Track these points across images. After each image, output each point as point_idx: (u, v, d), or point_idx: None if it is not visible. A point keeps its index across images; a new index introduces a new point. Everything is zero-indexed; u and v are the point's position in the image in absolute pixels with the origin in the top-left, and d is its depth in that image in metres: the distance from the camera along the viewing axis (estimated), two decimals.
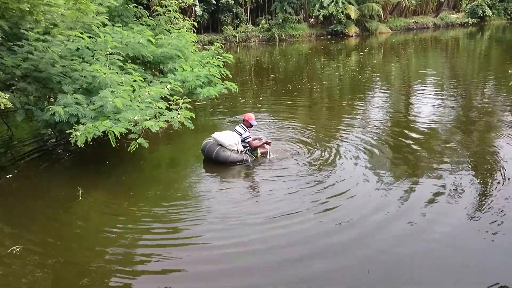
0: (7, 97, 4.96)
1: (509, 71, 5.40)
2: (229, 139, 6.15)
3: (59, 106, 5.03)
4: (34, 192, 5.62)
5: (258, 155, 6.39)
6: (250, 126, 6.41)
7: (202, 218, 4.64)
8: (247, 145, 6.34)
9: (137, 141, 5.23)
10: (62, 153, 7.22)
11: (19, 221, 4.76)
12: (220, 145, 6.14)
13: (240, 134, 6.30)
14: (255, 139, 6.49)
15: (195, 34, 8.56)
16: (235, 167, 6.10)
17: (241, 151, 6.28)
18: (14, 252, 4.04)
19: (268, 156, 6.36)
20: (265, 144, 6.39)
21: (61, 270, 3.82)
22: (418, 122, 8.06)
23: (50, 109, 5.04)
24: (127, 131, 5.14)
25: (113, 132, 4.89)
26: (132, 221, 4.61)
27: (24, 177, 6.03)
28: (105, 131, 4.91)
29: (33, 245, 4.21)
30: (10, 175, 6.04)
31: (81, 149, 6.78)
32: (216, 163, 6.11)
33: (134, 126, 5.14)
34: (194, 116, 5.83)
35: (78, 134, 4.76)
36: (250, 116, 6.43)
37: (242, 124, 6.44)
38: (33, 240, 4.31)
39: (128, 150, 5.30)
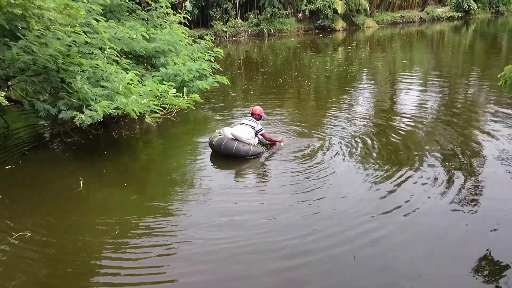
0: (3, 95, 5.23)
1: (500, 74, 5.29)
2: (245, 133, 6.23)
3: (81, 83, 5.43)
4: (35, 182, 5.82)
5: (268, 146, 6.69)
6: (259, 118, 6.68)
7: (197, 207, 4.84)
8: (260, 137, 6.56)
9: (151, 116, 5.97)
10: (59, 145, 7.42)
11: (23, 210, 4.93)
12: (236, 139, 6.19)
13: (253, 128, 6.44)
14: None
15: (186, 28, 8.73)
16: (232, 159, 6.18)
17: (257, 144, 6.43)
18: (27, 236, 4.25)
19: (279, 146, 6.64)
20: (278, 142, 6.69)
21: (63, 257, 4.02)
22: (405, 115, 8.30)
23: (73, 85, 5.44)
24: (139, 112, 5.60)
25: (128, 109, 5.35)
26: (129, 211, 4.82)
27: (24, 168, 6.22)
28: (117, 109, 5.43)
29: (40, 231, 4.43)
30: (10, 166, 6.24)
31: (78, 142, 7.06)
32: (235, 158, 6.14)
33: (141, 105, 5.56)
34: (199, 98, 6.49)
35: (89, 113, 5.15)
36: (261, 109, 6.71)
37: (251, 117, 6.63)
38: (39, 228, 4.50)
39: (147, 122, 6.02)
